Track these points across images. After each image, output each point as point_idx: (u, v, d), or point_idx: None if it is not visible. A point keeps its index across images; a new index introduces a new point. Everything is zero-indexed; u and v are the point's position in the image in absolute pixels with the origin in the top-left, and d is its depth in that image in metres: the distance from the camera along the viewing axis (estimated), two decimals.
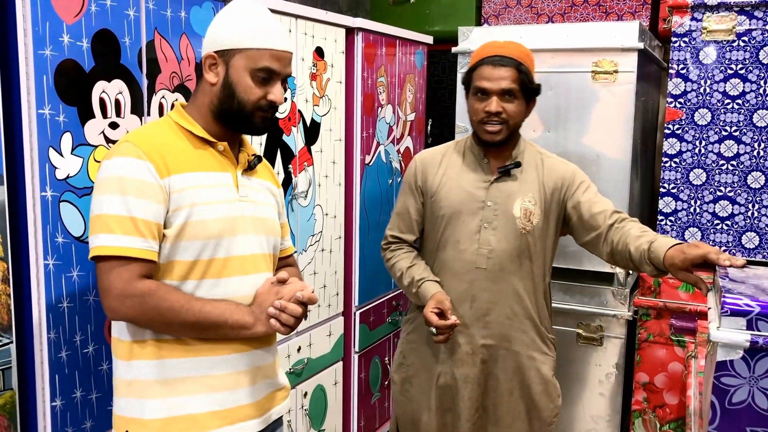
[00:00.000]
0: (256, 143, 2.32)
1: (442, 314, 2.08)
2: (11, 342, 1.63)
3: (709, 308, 1.52)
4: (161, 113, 1.97)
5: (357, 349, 3.03)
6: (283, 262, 1.84)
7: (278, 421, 1.76)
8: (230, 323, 1.52)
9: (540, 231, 2.15)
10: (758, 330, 1.29)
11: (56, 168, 1.68)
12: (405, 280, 2.24)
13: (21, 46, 1.59)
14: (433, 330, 2.09)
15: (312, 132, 2.65)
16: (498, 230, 2.13)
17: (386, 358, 3.30)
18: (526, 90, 2.09)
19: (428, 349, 2.27)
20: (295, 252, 1.92)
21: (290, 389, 1.82)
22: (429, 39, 3.45)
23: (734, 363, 1.31)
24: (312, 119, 2.64)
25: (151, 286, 1.47)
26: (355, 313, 3.00)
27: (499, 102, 2.06)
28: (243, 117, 1.59)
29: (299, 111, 2.56)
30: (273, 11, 2.35)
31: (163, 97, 1.97)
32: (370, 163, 3.02)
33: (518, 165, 2.16)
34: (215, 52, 1.57)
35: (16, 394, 1.65)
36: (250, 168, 1.67)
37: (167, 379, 1.54)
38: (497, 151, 2.17)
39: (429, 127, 3.71)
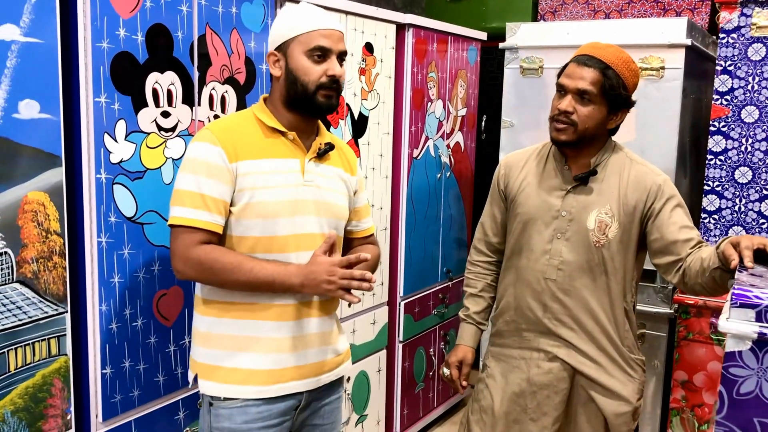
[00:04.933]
0: None
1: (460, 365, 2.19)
2: (66, 312, 1.77)
3: (725, 301, 1.53)
4: (211, 104, 2.09)
5: (401, 338, 3.10)
6: (364, 241, 1.99)
7: (333, 384, 1.89)
8: (278, 283, 1.68)
9: (618, 245, 2.01)
10: (767, 322, 1.31)
11: (110, 153, 1.81)
12: (464, 301, 2.29)
13: (81, 39, 1.73)
14: (446, 372, 2.22)
15: (360, 125, 2.74)
16: (570, 241, 2.03)
17: (431, 350, 3.37)
18: (608, 96, 1.94)
19: (506, 351, 2.18)
20: None
21: (349, 354, 1.94)
22: (482, 35, 3.49)
23: (743, 354, 1.32)
24: (360, 113, 2.73)
25: (206, 250, 1.66)
26: (399, 303, 3.07)
27: (573, 101, 1.95)
28: (308, 98, 1.73)
29: (347, 104, 2.64)
30: (323, 7, 2.46)
31: (213, 88, 2.09)
32: (418, 157, 3.08)
33: (594, 173, 2.02)
34: (275, 49, 1.76)
35: (70, 360, 1.79)
36: (320, 155, 1.80)
37: (223, 335, 1.74)
38: (578, 156, 2.04)
39: (483, 123, 3.75)
